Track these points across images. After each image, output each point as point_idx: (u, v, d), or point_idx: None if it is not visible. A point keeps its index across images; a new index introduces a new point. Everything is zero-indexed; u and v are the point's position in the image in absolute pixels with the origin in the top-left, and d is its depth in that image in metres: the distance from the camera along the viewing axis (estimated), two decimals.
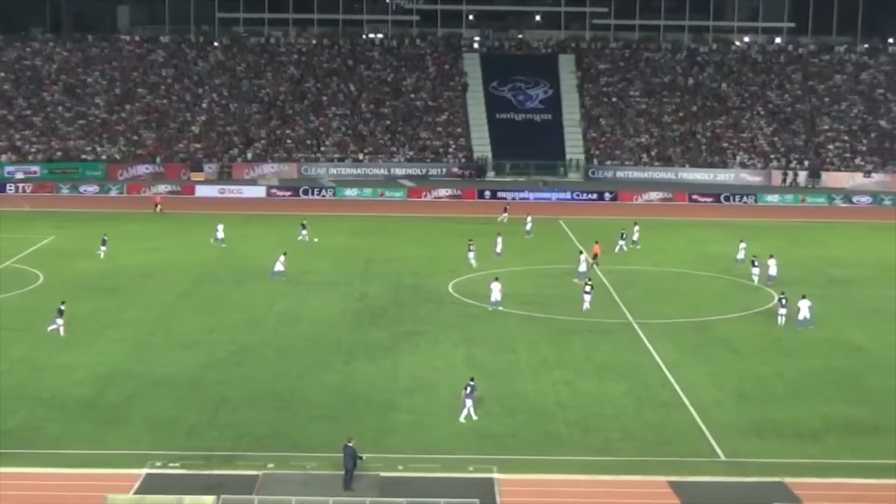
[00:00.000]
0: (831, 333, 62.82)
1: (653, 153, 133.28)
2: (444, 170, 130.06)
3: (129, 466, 41.50)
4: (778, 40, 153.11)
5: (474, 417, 47.69)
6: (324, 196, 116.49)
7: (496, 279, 68.81)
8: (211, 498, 37.26)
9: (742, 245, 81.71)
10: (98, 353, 56.38)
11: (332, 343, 59.07)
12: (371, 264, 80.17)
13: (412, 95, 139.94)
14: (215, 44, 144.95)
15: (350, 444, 40.83)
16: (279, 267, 75.27)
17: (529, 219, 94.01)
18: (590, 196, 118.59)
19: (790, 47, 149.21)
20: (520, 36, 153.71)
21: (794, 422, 47.97)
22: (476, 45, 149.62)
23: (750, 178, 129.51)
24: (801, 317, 64.03)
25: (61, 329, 59.47)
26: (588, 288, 67.92)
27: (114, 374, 52.87)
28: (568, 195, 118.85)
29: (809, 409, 49.70)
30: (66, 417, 46.91)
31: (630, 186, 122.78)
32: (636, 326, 63.56)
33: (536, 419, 47.72)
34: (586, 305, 67.10)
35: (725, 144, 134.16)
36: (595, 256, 79.31)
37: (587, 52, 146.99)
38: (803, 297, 64.83)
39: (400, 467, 41.84)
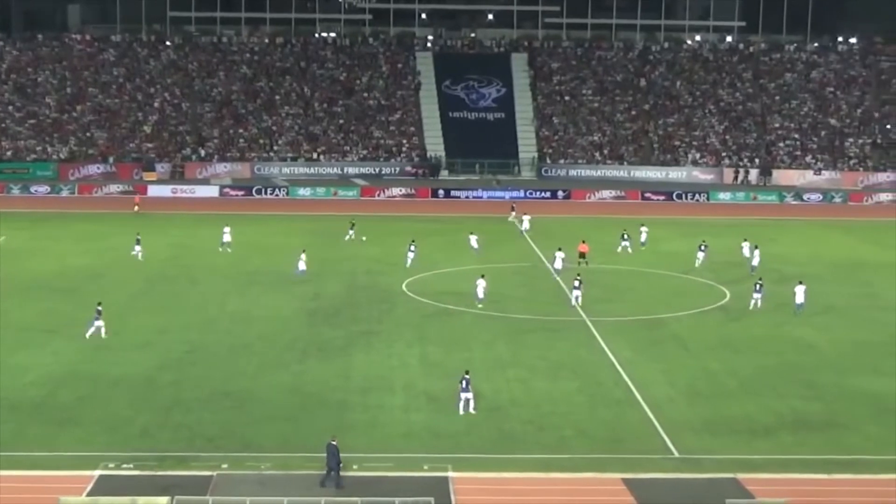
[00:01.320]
0: (783, 330, 63.27)
1: (605, 151, 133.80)
2: (398, 169, 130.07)
3: (81, 468, 41.19)
4: (729, 39, 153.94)
5: (473, 412, 47.96)
6: (277, 195, 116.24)
7: (482, 276, 69.09)
8: (165, 499, 37.08)
9: (745, 243, 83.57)
10: (50, 353, 55.99)
11: (286, 343, 58.92)
12: (324, 264, 79.98)
13: (365, 94, 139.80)
14: (167, 43, 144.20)
15: (334, 443, 40.77)
16: (302, 266, 75.54)
17: (526, 218, 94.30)
18: (543, 194, 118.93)
19: (741, 46, 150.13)
20: (472, 35, 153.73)
21: (747, 418, 48.27)
22: (429, 44, 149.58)
23: (702, 176, 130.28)
24: (797, 301, 66.67)
25: (102, 330, 59.07)
26: (577, 283, 68.53)
27: (66, 375, 52.50)
28: (521, 193, 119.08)
29: (762, 405, 50.02)
30: (18, 419, 46.52)
31: (583, 185, 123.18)
32: (590, 325, 63.74)
33: (491, 417, 47.75)
34: (573, 302, 67.84)
35: (677, 142, 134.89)
36: (582, 255, 79.58)
37: (540, 51, 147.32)
38: (800, 282, 67.19)
39: (355, 466, 41.74)
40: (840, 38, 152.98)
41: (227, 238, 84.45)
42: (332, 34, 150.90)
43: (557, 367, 55.15)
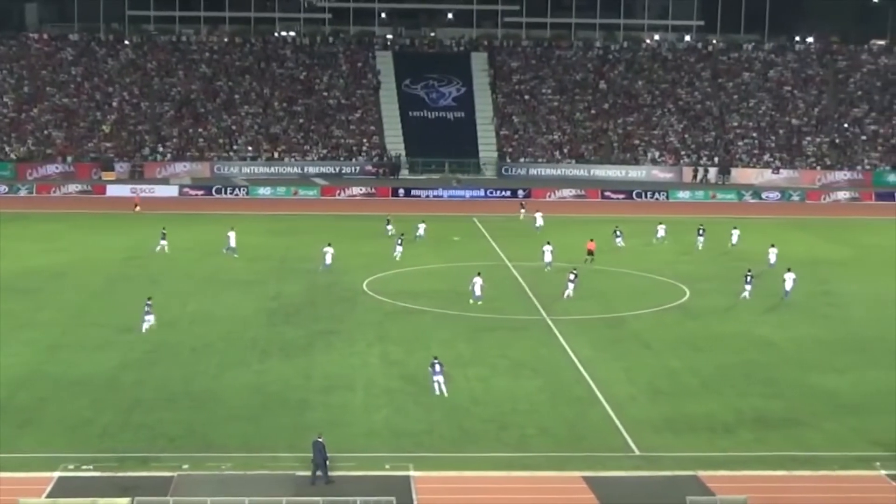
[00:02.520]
0: (742, 328, 63.62)
1: (565, 150, 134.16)
2: (358, 168, 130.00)
3: (41, 469, 40.97)
4: (687, 38, 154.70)
5: (446, 394, 49.66)
6: (237, 195, 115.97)
7: (478, 274, 69.42)
8: (125, 500, 36.94)
9: (735, 231, 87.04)
10: (9, 354, 55.56)
11: (247, 342, 58.79)
12: (285, 263, 79.87)
13: (325, 94, 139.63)
14: (126, 42, 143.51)
15: (320, 440, 40.77)
16: (328, 260, 76.00)
17: (539, 215, 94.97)
18: (503, 193, 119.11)
19: (699, 45, 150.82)
20: (432, 34, 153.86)
21: (707, 416, 48.52)
22: (389, 44, 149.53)
23: (661, 174, 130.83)
24: (786, 288, 69.67)
25: (152, 324, 60.41)
26: (572, 276, 69.64)
27: (26, 376, 52.17)
28: (482, 193, 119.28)
29: (722, 403, 50.29)
30: None
31: (543, 183, 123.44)
32: (550, 323, 63.90)
33: (452, 416, 47.82)
34: (569, 293, 68.90)
35: (637, 141, 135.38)
36: (590, 252, 80.00)
37: (499, 50, 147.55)
38: (788, 269, 70.58)
39: None
40: (797, 38, 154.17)
41: (232, 243, 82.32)
42: (292, 33, 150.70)
43: (518, 366, 55.25)
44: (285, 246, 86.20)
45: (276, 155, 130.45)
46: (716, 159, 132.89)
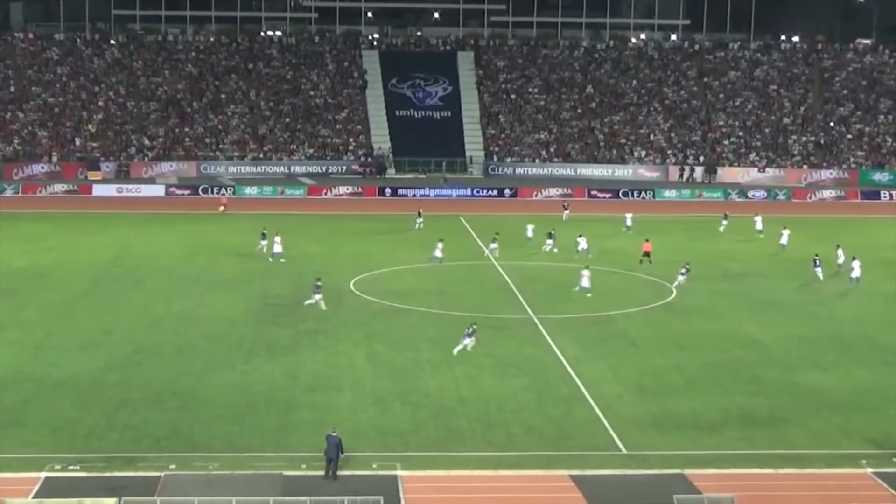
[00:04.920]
0: (727, 326, 63.72)
1: (552, 149, 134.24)
2: (345, 167, 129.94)
3: (27, 470, 40.86)
4: (673, 37, 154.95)
5: (468, 349, 55.15)
6: (223, 194, 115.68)
7: (586, 267, 71.31)
8: (112, 500, 36.84)
9: (786, 231, 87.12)
10: None
11: (233, 342, 58.70)
12: (272, 263, 79.74)
13: (311, 93, 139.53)
14: (111, 41, 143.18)
15: (334, 434, 40.84)
16: (438, 253, 78.21)
17: (629, 216, 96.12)
18: (490, 192, 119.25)
19: (685, 44, 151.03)
20: (418, 33, 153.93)
21: (693, 414, 48.60)
22: (375, 43, 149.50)
23: (647, 173, 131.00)
24: (853, 275, 73.18)
25: (322, 304, 64.49)
26: (684, 270, 72.73)
27: (10, 376, 51.99)
28: (468, 192, 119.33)
29: (708, 401, 50.37)
30: None
31: (530, 183, 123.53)
32: (537, 322, 63.94)
33: (439, 415, 47.82)
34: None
35: (623, 140, 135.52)
36: (646, 254, 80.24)
37: (486, 50, 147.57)
38: (854, 258, 73.95)
39: (303, 466, 41.70)
40: (783, 37, 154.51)
41: (278, 248, 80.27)
42: (278, 33, 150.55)
43: (505, 365, 55.26)
44: (271, 245, 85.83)
45: (262, 154, 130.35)
46: (702, 158, 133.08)
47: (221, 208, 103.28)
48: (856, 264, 73.63)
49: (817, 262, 76.46)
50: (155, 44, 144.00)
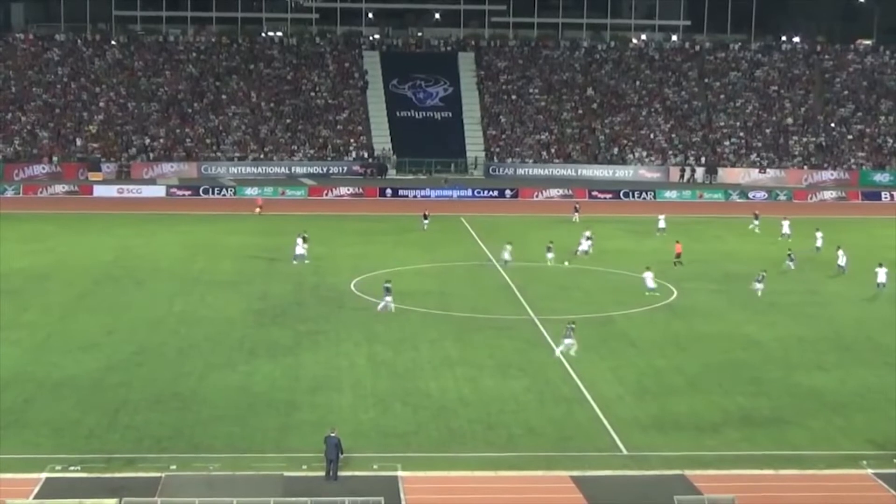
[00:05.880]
0: (728, 327, 63.70)
1: (552, 150, 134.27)
2: (345, 168, 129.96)
3: (28, 471, 40.88)
4: (674, 38, 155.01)
5: (572, 353, 55.81)
6: (224, 195, 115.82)
7: (648, 268, 72.03)
8: (113, 501, 36.87)
9: (819, 234, 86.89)
10: None
11: (234, 343, 58.70)
12: (273, 263, 79.79)
13: (312, 94, 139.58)
14: (112, 42, 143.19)
15: (333, 434, 40.89)
16: (507, 256, 78.66)
17: (662, 217, 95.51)
18: (491, 193, 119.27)
19: (686, 45, 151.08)
20: (419, 34, 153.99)
21: (694, 415, 48.59)
22: (376, 44, 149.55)
23: (648, 174, 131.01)
24: (879, 280, 73.12)
25: (391, 306, 64.71)
26: (760, 277, 72.37)
27: (11, 377, 51.98)
28: (469, 192, 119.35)
29: (708, 402, 50.37)
30: None
31: (530, 183, 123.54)
32: (538, 322, 63.93)
33: (439, 416, 47.83)
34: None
35: (624, 141, 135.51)
36: (678, 255, 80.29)
37: (486, 50, 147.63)
38: (880, 264, 73.88)
39: (304, 467, 41.72)
40: (783, 38, 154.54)
41: (299, 251, 79.52)
42: (279, 33, 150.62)
43: (506, 366, 55.26)
44: (272, 246, 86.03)
45: (263, 155, 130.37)
46: (703, 159, 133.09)
47: (258, 210, 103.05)
48: (882, 271, 73.42)
49: (791, 255, 79.15)
50: (156, 44, 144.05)
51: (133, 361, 55.11)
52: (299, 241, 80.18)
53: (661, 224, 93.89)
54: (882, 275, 72.96)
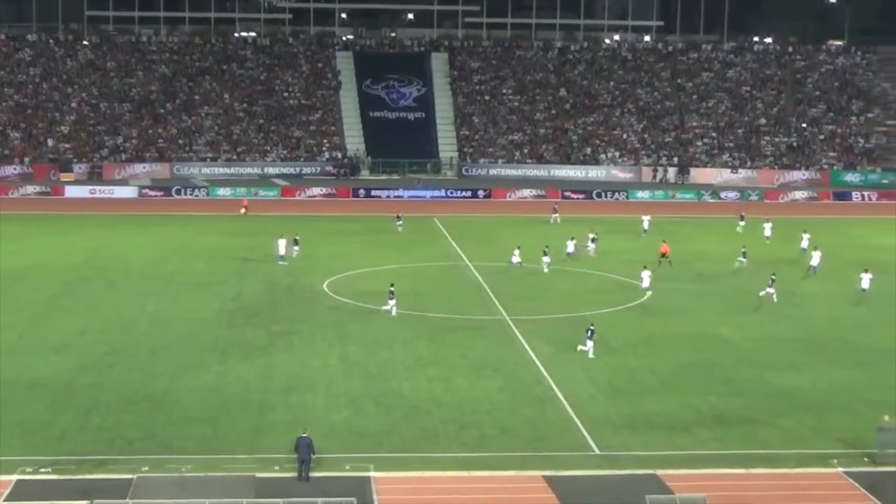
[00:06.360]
0: (700, 327, 63.87)
1: (525, 150, 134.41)
2: (318, 168, 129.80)
3: None
4: (647, 38, 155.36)
5: (591, 356, 56.16)
6: (196, 196, 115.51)
7: (645, 267, 71.71)
8: (84, 503, 36.78)
9: (806, 235, 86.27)
10: None
11: (207, 343, 58.58)
12: (246, 264, 79.63)
13: (285, 94, 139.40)
14: (84, 42, 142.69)
15: (305, 435, 40.88)
16: (516, 259, 78.13)
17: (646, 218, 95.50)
18: (464, 193, 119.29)
19: (659, 45, 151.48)
20: (392, 34, 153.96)
21: (666, 415, 48.73)
22: (349, 44, 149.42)
23: (621, 174, 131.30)
24: (863, 286, 71.55)
25: (394, 310, 64.05)
26: (770, 282, 70.86)
27: None
28: (442, 193, 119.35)
29: (680, 401, 50.52)
30: None
31: (503, 184, 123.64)
32: (511, 323, 63.99)
33: (412, 416, 47.84)
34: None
35: (597, 141, 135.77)
36: (664, 255, 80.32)
37: (459, 51, 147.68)
38: (865, 270, 72.40)
39: (276, 468, 41.69)
40: (756, 39, 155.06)
41: (281, 251, 79.39)
42: (252, 34, 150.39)
43: (479, 366, 55.31)
44: (245, 247, 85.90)
45: (235, 156, 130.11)
46: (675, 159, 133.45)
47: (243, 210, 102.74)
48: (866, 277, 72.09)
49: (744, 253, 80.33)
50: (128, 44, 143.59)
51: (105, 362, 54.93)
52: (282, 242, 79.82)
53: (646, 225, 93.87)
54: (866, 280, 71.94)
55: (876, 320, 66.44)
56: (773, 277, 71.04)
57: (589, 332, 57.22)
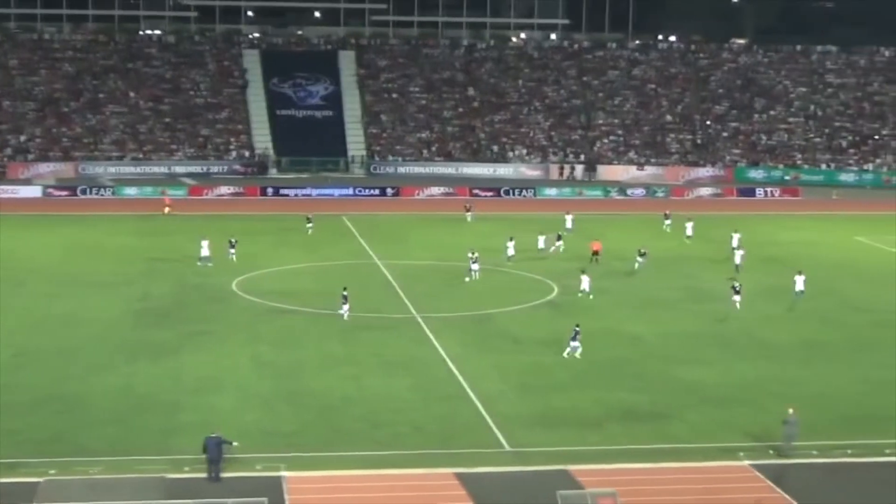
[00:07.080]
0: (610, 324, 64.42)
1: (434, 148, 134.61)
2: (226, 167, 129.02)
3: None
4: (553, 37, 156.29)
5: (577, 356, 56.13)
6: (103, 195, 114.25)
7: (583, 272, 71.30)
8: None
9: (736, 235, 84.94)
10: None
11: (116, 344, 58.12)
12: (154, 264, 79.02)
13: (192, 92, 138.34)
14: None
15: (214, 436, 40.75)
16: (510, 251, 79.15)
17: (569, 217, 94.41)
18: (372, 192, 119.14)
19: (565, 44, 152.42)
20: (300, 32, 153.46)
21: (576, 410, 49.17)
22: (256, 42, 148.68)
23: (529, 172, 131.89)
24: (797, 288, 70.51)
25: (346, 315, 63.10)
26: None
27: None
28: (350, 191, 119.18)
29: (591, 397, 50.99)
30: None
31: (412, 182, 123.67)
32: (420, 321, 64.17)
33: (324, 416, 47.86)
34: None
35: (504, 139, 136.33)
36: (596, 252, 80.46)
37: (367, 49, 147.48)
38: (799, 272, 70.96)
39: (186, 468, 41.50)
40: (661, 37, 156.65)
41: (205, 252, 78.13)
42: (158, 31, 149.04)
43: (389, 364, 55.44)
44: (153, 246, 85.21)
45: (142, 154, 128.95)
46: (582, 156, 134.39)
47: (166, 209, 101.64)
48: (800, 279, 71.10)
49: (642, 251, 79.82)
50: (31, 42, 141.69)
51: (12, 364, 54.32)
52: (205, 243, 78.92)
53: (569, 224, 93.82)
54: (800, 283, 71.16)
55: (783, 315, 67.51)
56: (736, 286, 69.82)
57: (573, 333, 57.32)
